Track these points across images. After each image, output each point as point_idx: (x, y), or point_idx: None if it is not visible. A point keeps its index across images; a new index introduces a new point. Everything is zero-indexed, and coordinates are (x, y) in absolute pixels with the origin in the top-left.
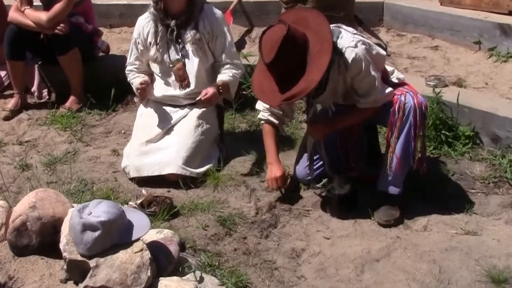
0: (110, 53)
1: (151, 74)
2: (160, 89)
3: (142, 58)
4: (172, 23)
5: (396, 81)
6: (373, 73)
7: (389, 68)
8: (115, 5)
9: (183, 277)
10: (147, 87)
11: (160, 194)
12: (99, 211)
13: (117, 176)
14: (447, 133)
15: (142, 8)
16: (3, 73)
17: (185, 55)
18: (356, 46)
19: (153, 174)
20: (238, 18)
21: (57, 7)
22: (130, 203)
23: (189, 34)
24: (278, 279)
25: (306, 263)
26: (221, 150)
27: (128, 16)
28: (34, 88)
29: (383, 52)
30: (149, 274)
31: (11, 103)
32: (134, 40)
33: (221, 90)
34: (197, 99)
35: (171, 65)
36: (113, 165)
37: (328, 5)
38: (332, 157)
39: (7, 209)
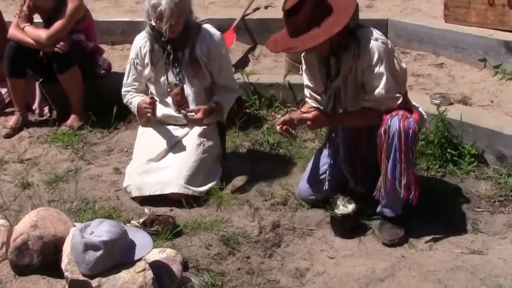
0: (112, 70)
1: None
2: (159, 109)
3: (141, 79)
4: (169, 47)
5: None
6: (383, 70)
7: (415, 104)
8: (117, 22)
9: None
10: (154, 105)
11: (163, 213)
12: (101, 230)
13: (119, 195)
14: (452, 151)
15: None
16: (3, 91)
17: (182, 79)
18: (376, 39)
19: (155, 193)
20: (241, 35)
21: (57, 24)
22: (133, 221)
23: (186, 57)
24: None
25: (310, 283)
26: (223, 168)
27: (130, 33)
28: (35, 106)
29: (404, 66)
30: None
31: (12, 120)
32: (132, 61)
33: (213, 108)
34: (184, 114)
35: (168, 90)
36: (115, 183)
37: None
38: (340, 173)
39: (8, 228)
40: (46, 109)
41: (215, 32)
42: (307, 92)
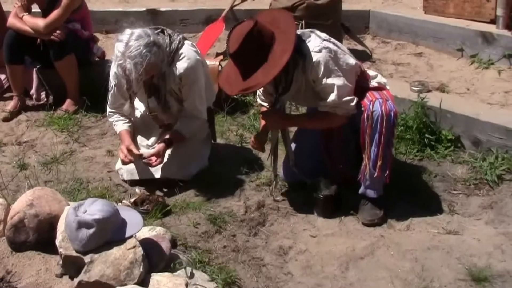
0: (106, 58)
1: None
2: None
3: (125, 102)
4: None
5: (375, 84)
6: (332, 80)
7: (371, 73)
8: (111, 12)
9: (174, 273)
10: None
11: (153, 193)
12: (94, 209)
13: (111, 176)
14: (430, 136)
15: (138, 15)
16: (2, 77)
17: (158, 105)
18: (319, 51)
19: (145, 178)
20: (230, 25)
21: (54, 14)
22: (124, 201)
23: (162, 86)
24: (266, 275)
25: (293, 260)
26: (212, 149)
27: (124, 22)
28: (33, 91)
29: (352, 62)
30: (141, 269)
31: (10, 105)
32: (116, 87)
33: (171, 142)
34: (145, 163)
35: (151, 115)
36: (107, 165)
37: (316, 13)
38: (316, 160)
39: (5, 207)
40: (43, 94)
41: (190, 59)
42: (260, 95)
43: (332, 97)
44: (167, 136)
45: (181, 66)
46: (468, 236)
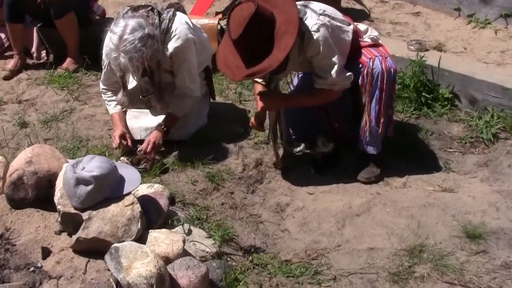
0: (106, 16)
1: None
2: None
3: (119, 80)
4: None
5: (369, 41)
6: (331, 58)
7: (362, 27)
8: None
9: (172, 230)
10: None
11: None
12: (92, 166)
13: (111, 134)
14: (427, 95)
15: None
16: (3, 35)
17: (152, 87)
18: (317, 30)
19: (143, 138)
20: None
21: None
22: (123, 158)
23: (156, 72)
24: (263, 232)
25: (290, 217)
26: (211, 106)
27: None
28: (33, 50)
29: (348, 38)
30: (139, 226)
31: (11, 63)
32: (110, 67)
33: (165, 128)
34: (139, 151)
35: (144, 99)
36: (107, 123)
37: None
38: (313, 118)
39: (4, 164)
40: (43, 53)
41: (180, 37)
42: None
43: (330, 74)
44: (162, 123)
45: (171, 45)
46: (463, 194)
